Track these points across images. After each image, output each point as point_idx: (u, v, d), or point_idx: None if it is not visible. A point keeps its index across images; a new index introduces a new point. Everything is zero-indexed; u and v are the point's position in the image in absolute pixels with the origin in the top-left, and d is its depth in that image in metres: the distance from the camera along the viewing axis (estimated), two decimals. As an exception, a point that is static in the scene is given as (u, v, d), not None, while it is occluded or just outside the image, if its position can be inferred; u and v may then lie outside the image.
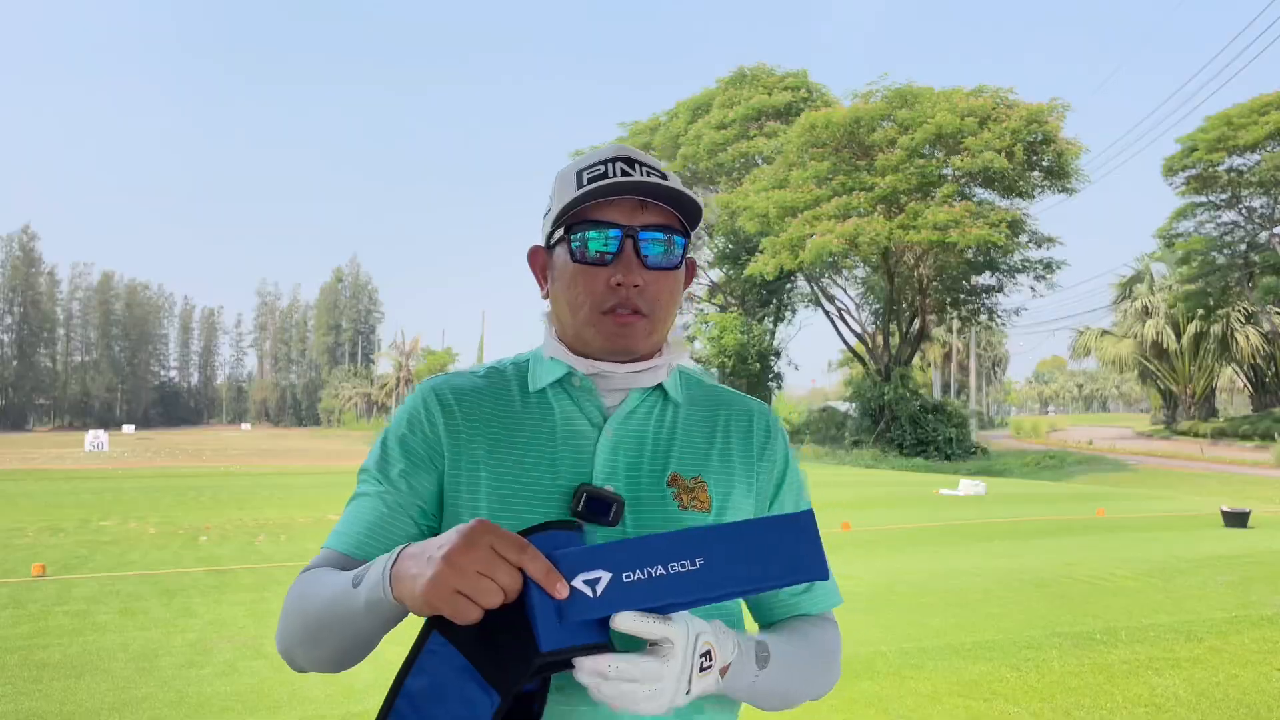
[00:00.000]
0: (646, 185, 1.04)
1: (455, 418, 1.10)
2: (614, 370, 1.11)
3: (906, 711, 4.40)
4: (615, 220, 1.06)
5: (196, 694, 4.60)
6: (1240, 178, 35.56)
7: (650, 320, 1.08)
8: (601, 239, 1.05)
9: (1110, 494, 19.48)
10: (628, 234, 1.05)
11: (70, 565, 8.43)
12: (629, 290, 1.06)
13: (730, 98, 37.74)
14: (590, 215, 1.06)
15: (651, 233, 1.06)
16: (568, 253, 1.08)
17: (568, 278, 1.09)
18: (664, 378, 1.13)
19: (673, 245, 1.08)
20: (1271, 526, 12.50)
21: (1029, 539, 11.04)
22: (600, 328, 1.08)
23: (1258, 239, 37.87)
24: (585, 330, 1.09)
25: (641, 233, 1.06)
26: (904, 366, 35.44)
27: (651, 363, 1.12)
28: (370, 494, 1.09)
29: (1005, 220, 28.84)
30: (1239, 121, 33.72)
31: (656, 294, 1.08)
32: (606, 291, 1.06)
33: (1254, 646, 5.69)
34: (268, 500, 15.38)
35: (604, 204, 1.06)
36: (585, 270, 1.07)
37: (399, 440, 1.10)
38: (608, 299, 1.06)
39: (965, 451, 33.66)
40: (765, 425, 1.17)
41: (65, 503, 14.43)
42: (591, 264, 1.06)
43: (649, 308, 1.07)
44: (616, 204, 1.06)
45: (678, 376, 1.18)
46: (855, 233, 29.01)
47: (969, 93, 30.41)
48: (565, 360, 1.11)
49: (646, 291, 1.07)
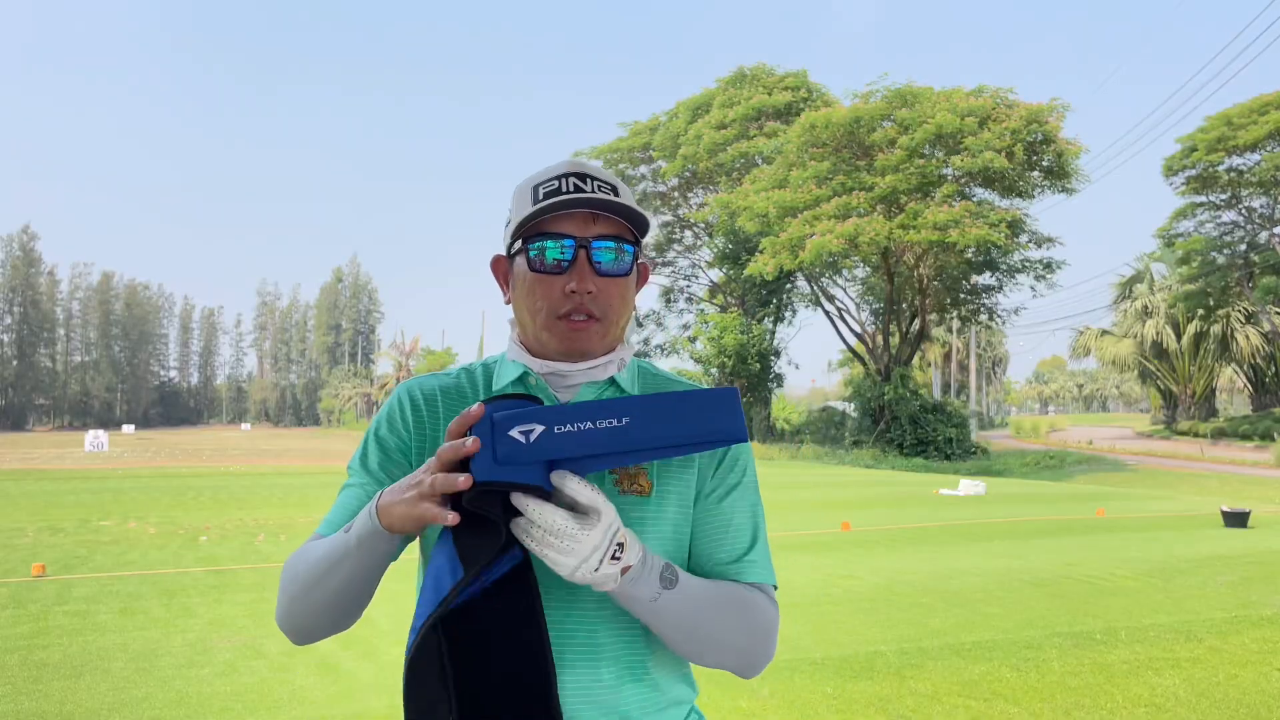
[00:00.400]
0: (597, 200, 1.14)
1: (422, 414, 1.23)
2: (569, 369, 1.20)
3: (906, 711, 4.40)
4: (569, 232, 1.15)
5: (196, 694, 4.60)
6: (1240, 178, 35.54)
7: (604, 324, 1.18)
8: (557, 249, 1.15)
9: (1110, 494, 19.48)
10: (581, 244, 1.15)
11: (70, 565, 8.43)
12: (583, 296, 1.15)
13: (730, 98, 37.72)
14: (546, 228, 1.15)
15: (603, 242, 1.15)
16: (526, 262, 1.17)
17: (527, 285, 1.18)
18: (615, 371, 1.23)
19: (623, 254, 1.17)
20: (1271, 526, 12.50)
21: (1029, 539, 11.04)
22: (556, 331, 1.17)
23: (1258, 239, 37.85)
24: (543, 334, 1.18)
25: (594, 243, 1.15)
26: (904, 366, 35.42)
27: (601, 359, 1.21)
28: (354, 485, 1.22)
29: (1005, 220, 28.80)
30: (1239, 121, 33.70)
31: (609, 299, 1.17)
32: (562, 298, 1.16)
33: (1254, 646, 5.69)
34: (268, 500, 15.38)
35: (558, 217, 1.15)
36: (542, 279, 1.16)
37: (376, 436, 1.24)
38: (563, 304, 1.16)
39: (965, 451, 33.64)
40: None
41: (65, 503, 14.43)
42: (548, 273, 1.16)
43: (602, 312, 1.17)
44: (570, 216, 1.15)
45: (634, 370, 1.28)
46: (855, 233, 28.99)
47: (969, 93, 30.38)
48: (524, 361, 1.22)
49: (599, 297, 1.16)
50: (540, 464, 0.98)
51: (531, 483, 0.97)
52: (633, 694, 1.14)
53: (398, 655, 5.38)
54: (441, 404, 1.23)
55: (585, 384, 1.21)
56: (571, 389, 1.21)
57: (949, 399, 43.21)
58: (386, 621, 6.21)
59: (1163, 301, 45.47)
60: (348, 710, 4.38)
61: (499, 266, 1.27)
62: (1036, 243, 32.77)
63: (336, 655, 5.37)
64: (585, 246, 1.14)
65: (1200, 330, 43.75)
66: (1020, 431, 53.32)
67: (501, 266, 1.27)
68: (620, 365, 1.23)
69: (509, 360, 1.25)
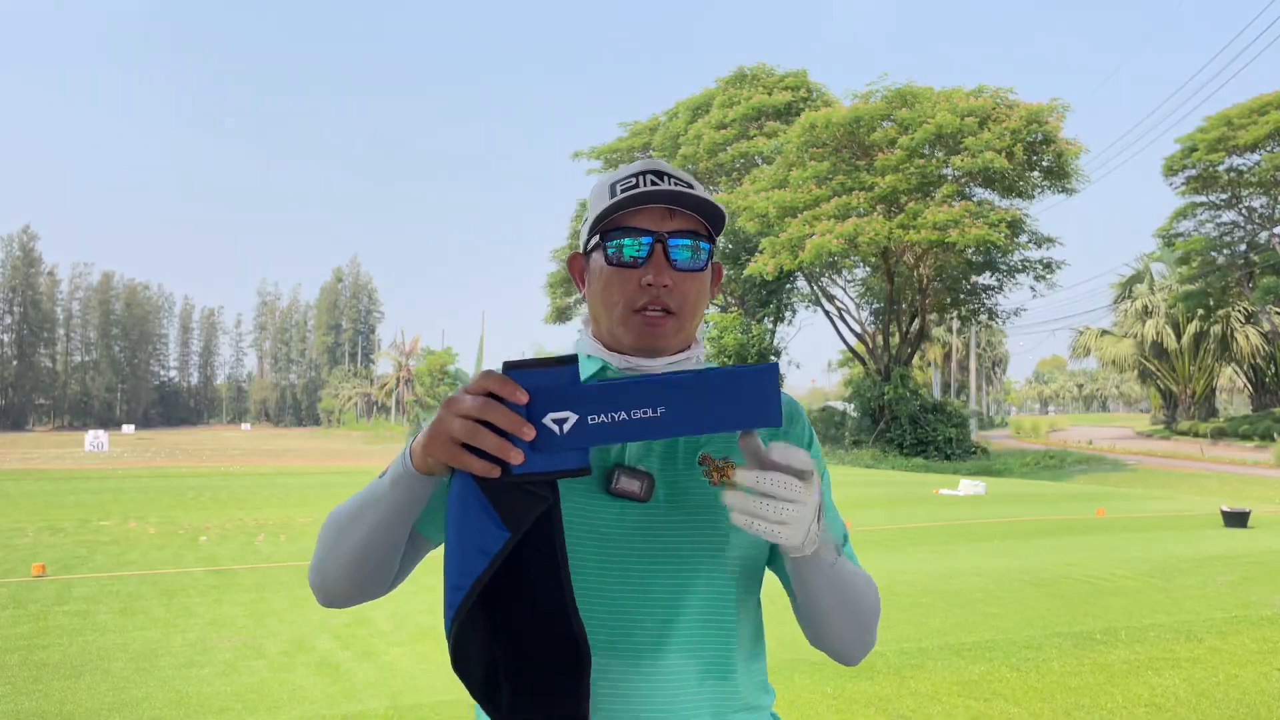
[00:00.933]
0: (673, 193, 1.14)
1: None
2: (647, 364, 1.19)
3: (906, 711, 4.40)
4: (645, 227, 1.16)
5: (196, 694, 4.60)
6: (1240, 178, 35.53)
7: (678, 318, 1.17)
8: (634, 244, 1.15)
9: (1110, 494, 19.48)
10: (657, 239, 1.15)
11: (70, 565, 8.43)
12: (659, 290, 1.15)
13: (730, 98, 37.70)
14: (623, 223, 1.16)
15: (679, 238, 1.16)
16: (603, 257, 1.18)
17: (603, 280, 1.18)
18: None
19: (699, 249, 1.17)
20: (1271, 526, 12.50)
21: (1029, 539, 11.04)
22: (632, 325, 1.16)
23: (1258, 239, 37.84)
24: (618, 329, 1.18)
25: (670, 238, 1.15)
26: (904, 366, 35.41)
27: (681, 356, 1.21)
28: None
29: (1005, 220, 28.79)
30: (1239, 121, 33.69)
31: (684, 294, 1.17)
32: (638, 291, 1.15)
33: (1254, 646, 5.69)
34: (268, 500, 15.39)
35: (635, 212, 1.16)
36: (619, 273, 1.16)
37: None
38: (639, 298, 1.15)
39: (965, 451, 33.64)
40: (788, 412, 1.24)
41: (65, 503, 14.43)
42: (624, 267, 1.16)
43: (677, 306, 1.16)
44: (646, 212, 1.16)
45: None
46: (855, 233, 28.98)
47: (969, 93, 30.38)
48: (601, 356, 1.21)
49: (675, 291, 1.16)
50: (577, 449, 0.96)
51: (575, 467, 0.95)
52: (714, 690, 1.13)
53: (398, 655, 5.38)
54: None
55: None
56: None
57: (949, 399, 43.19)
58: (386, 622, 6.22)
59: (1162, 301, 45.46)
60: (348, 710, 4.38)
61: (575, 264, 1.28)
62: (1036, 243, 32.75)
63: (336, 655, 5.37)
64: (661, 241, 1.15)
65: (1200, 330, 43.73)
66: (1020, 431, 53.27)
67: (578, 264, 1.27)
68: (696, 363, 1.23)
69: (585, 356, 1.24)
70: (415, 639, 5.76)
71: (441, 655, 5.37)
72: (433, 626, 6.10)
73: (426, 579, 7.26)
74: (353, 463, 30.57)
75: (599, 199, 1.20)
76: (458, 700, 4.51)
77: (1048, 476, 27.37)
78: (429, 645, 5.61)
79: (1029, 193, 31.38)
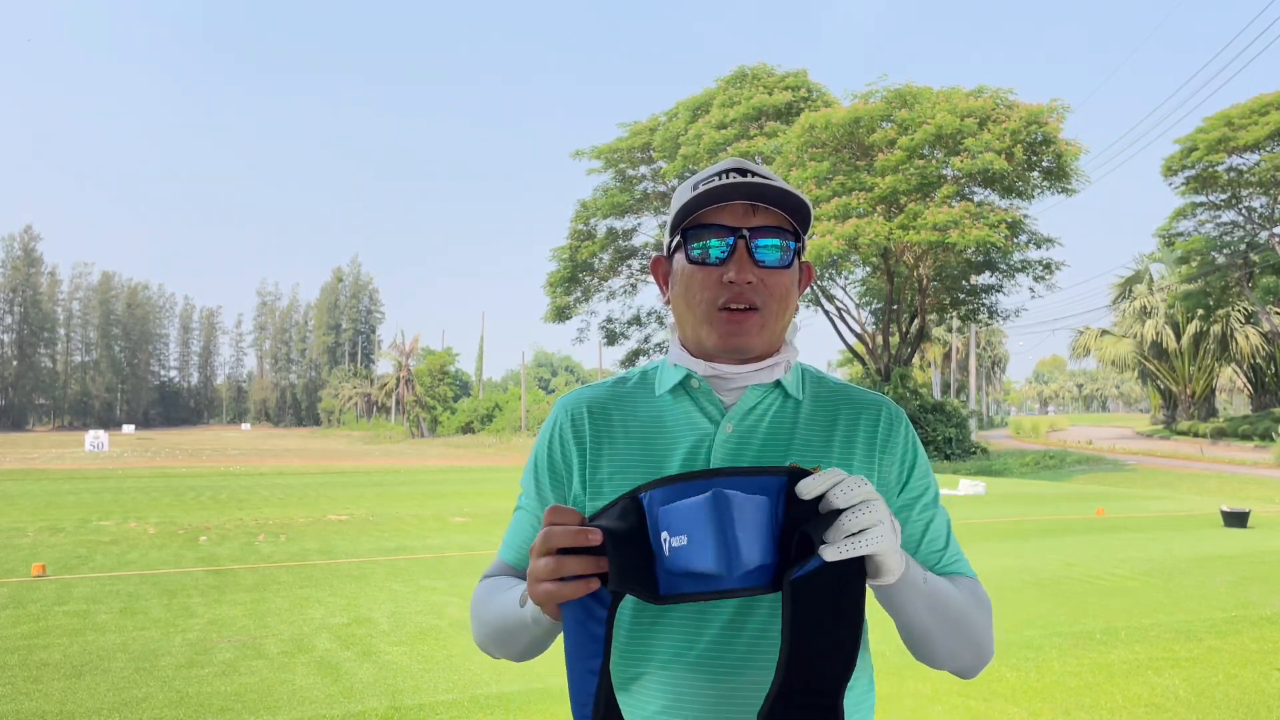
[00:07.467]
0: (754, 188, 1.11)
1: (583, 429, 1.20)
2: (733, 371, 1.16)
3: (906, 711, 4.40)
4: (727, 223, 1.13)
5: (196, 694, 4.60)
6: (1240, 178, 35.53)
7: (763, 315, 1.14)
8: (717, 243, 1.13)
9: (1110, 494, 19.47)
10: (739, 235, 1.12)
11: (70, 565, 8.43)
12: (742, 286, 1.12)
13: (730, 97, 37.69)
14: (704, 220, 1.14)
15: (762, 235, 1.13)
16: (685, 257, 1.16)
17: (685, 278, 1.16)
18: (781, 374, 1.18)
19: (784, 247, 1.14)
20: (1271, 526, 12.50)
21: (1029, 539, 11.04)
22: (714, 323, 1.14)
23: (1257, 239, 37.82)
24: (701, 328, 1.15)
25: (752, 234, 1.12)
26: (904, 366, 35.41)
27: (768, 361, 1.17)
28: (525, 508, 1.25)
29: (1005, 221, 28.80)
30: (1239, 121, 33.68)
31: (769, 291, 1.13)
32: (720, 288, 1.13)
33: (1254, 646, 5.69)
34: (268, 500, 15.39)
35: (717, 209, 1.13)
36: (701, 270, 1.14)
37: (541, 456, 1.24)
38: (722, 294, 1.13)
39: (965, 451, 33.64)
40: (887, 417, 1.20)
41: (65, 503, 14.43)
42: (706, 264, 1.14)
43: (762, 302, 1.13)
44: (729, 209, 1.13)
45: (799, 374, 1.23)
46: (855, 233, 28.99)
47: (969, 93, 30.38)
48: (686, 365, 1.18)
49: (759, 288, 1.13)
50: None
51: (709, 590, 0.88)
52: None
53: (397, 655, 5.38)
54: (602, 416, 1.20)
55: (751, 387, 1.17)
56: (736, 392, 1.18)
57: (949, 399, 43.18)
58: (386, 622, 6.22)
59: (1162, 301, 45.46)
60: (348, 710, 4.38)
61: (658, 267, 1.25)
62: (1036, 243, 32.73)
63: (336, 655, 5.37)
64: (743, 237, 1.12)
65: (1200, 330, 43.73)
66: (1020, 431, 53.24)
67: (661, 267, 1.24)
68: (786, 368, 1.19)
69: (670, 365, 1.21)
70: (415, 639, 5.76)
71: (442, 655, 5.37)
72: (433, 626, 6.10)
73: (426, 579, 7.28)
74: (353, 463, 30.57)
75: (680, 198, 1.16)
76: (458, 700, 4.52)
77: (1047, 476, 27.36)
78: (429, 645, 5.61)
79: (1029, 193, 31.37)
